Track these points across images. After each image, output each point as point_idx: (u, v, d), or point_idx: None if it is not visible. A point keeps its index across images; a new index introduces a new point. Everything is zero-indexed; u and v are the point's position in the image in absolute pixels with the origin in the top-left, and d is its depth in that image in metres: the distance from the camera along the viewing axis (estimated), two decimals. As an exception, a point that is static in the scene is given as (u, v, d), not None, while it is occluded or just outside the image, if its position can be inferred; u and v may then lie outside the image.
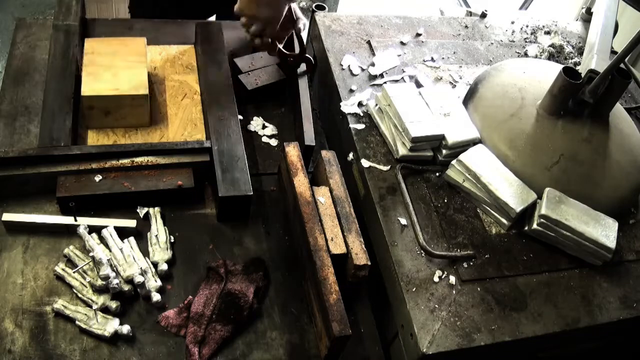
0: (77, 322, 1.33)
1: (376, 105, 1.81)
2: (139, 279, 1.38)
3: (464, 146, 1.69)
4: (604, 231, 1.56)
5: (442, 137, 1.68)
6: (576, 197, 1.61)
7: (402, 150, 1.69)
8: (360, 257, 1.44)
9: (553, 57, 2.20)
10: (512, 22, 2.34)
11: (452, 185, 1.68)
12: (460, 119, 1.74)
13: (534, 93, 1.77)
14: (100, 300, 1.37)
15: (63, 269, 1.41)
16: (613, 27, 2.05)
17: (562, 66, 1.62)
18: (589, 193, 1.65)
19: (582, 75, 1.65)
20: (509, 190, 1.58)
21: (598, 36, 1.96)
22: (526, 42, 2.27)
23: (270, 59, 1.97)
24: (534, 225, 1.57)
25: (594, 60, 1.75)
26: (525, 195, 1.58)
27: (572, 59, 2.21)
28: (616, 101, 1.74)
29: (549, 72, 1.76)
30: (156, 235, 1.51)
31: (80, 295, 1.38)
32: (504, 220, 1.60)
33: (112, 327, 1.32)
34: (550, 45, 2.23)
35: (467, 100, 1.86)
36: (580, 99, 1.68)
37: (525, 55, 2.19)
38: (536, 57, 2.18)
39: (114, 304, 1.37)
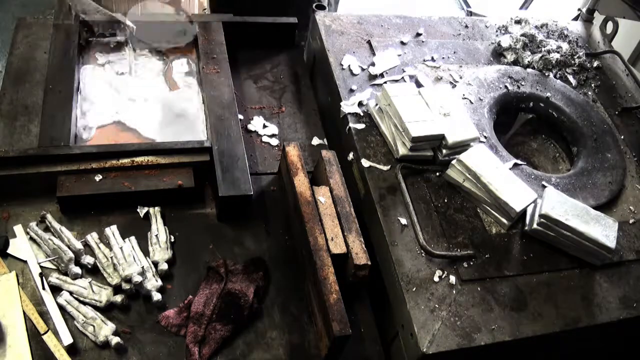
0: (75, 322, 1.33)
1: (376, 105, 1.81)
2: (137, 278, 1.38)
3: (464, 146, 1.69)
4: (604, 231, 1.56)
5: (442, 137, 1.68)
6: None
7: (402, 150, 1.69)
8: (361, 256, 1.44)
9: (527, 46, 2.18)
10: (516, 22, 2.34)
11: (452, 185, 1.68)
12: (460, 119, 1.74)
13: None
14: (104, 297, 1.37)
15: (58, 278, 1.40)
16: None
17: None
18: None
19: None
20: (509, 190, 1.58)
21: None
22: (498, 32, 2.25)
23: None
24: (534, 225, 1.57)
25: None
26: (526, 195, 1.59)
27: (544, 47, 2.18)
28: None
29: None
30: (156, 235, 1.51)
31: (82, 299, 1.38)
32: (504, 220, 1.60)
33: (104, 334, 1.31)
34: (522, 35, 2.21)
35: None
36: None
37: (499, 45, 2.17)
38: (510, 47, 2.15)
39: (119, 298, 1.37)
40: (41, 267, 1.42)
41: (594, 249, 1.54)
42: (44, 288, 1.37)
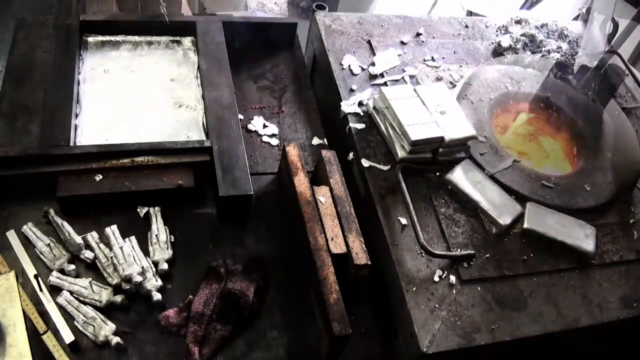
0: (75, 322, 1.33)
1: (373, 107, 1.81)
2: (137, 278, 1.38)
3: (461, 144, 1.70)
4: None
5: (441, 139, 1.68)
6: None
7: (401, 153, 1.69)
8: (361, 256, 1.44)
9: (527, 46, 2.19)
10: (516, 22, 2.34)
11: (451, 186, 1.68)
12: (456, 117, 1.74)
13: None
14: (104, 297, 1.37)
15: (58, 277, 1.40)
16: (609, 25, 2.05)
17: (555, 61, 1.62)
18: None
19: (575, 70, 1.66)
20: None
21: (593, 34, 1.97)
22: (498, 32, 2.26)
23: None
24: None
25: (587, 57, 1.76)
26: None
27: (544, 46, 2.19)
28: (610, 98, 1.74)
29: (543, 68, 1.77)
30: (156, 235, 1.51)
31: (82, 299, 1.38)
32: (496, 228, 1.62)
33: (104, 334, 1.31)
34: (522, 35, 2.21)
35: (461, 95, 1.88)
36: (573, 95, 1.69)
37: (499, 45, 2.18)
38: (510, 47, 2.16)
39: (119, 298, 1.37)
40: (39, 268, 1.42)
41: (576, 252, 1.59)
42: (41, 290, 1.37)
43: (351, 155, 1.78)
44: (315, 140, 1.89)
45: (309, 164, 1.80)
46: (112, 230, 1.49)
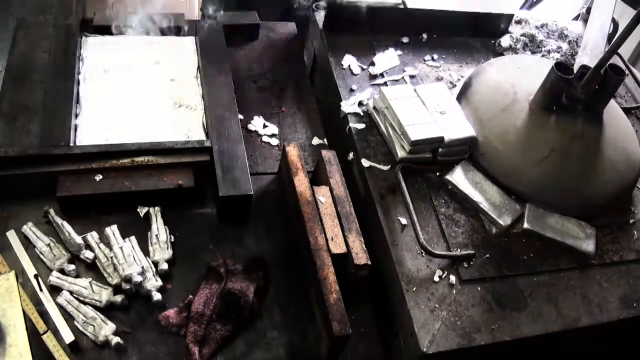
0: (75, 322, 1.34)
1: (373, 107, 1.81)
2: (137, 278, 1.38)
3: (461, 145, 1.70)
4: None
5: (441, 140, 1.68)
6: (565, 191, 1.65)
7: (401, 153, 1.69)
8: (361, 256, 1.44)
9: (527, 46, 2.19)
10: (516, 22, 2.34)
11: (451, 186, 1.68)
12: (456, 117, 1.74)
13: (527, 88, 1.77)
14: (104, 297, 1.37)
15: (58, 277, 1.40)
16: (609, 25, 2.05)
17: (555, 61, 1.62)
18: (578, 188, 1.68)
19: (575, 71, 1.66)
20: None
21: (593, 34, 1.97)
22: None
23: None
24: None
25: (586, 57, 1.75)
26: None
27: (545, 47, 2.19)
28: (610, 98, 1.74)
29: (543, 68, 1.77)
30: (156, 235, 1.51)
31: (82, 299, 1.38)
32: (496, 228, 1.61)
33: (104, 334, 1.31)
34: (522, 35, 2.22)
35: (461, 94, 1.87)
36: (573, 95, 1.68)
37: (499, 45, 2.19)
38: (510, 47, 2.17)
39: (119, 298, 1.37)
40: (39, 268, 1.42)
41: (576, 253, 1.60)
42: (41, 290, 1.37)
43: (351, 155, 1.78)
44: (315, 140, 1.89)
45: (309, 164, 1.80)
46: (112, 230, 1.49)
